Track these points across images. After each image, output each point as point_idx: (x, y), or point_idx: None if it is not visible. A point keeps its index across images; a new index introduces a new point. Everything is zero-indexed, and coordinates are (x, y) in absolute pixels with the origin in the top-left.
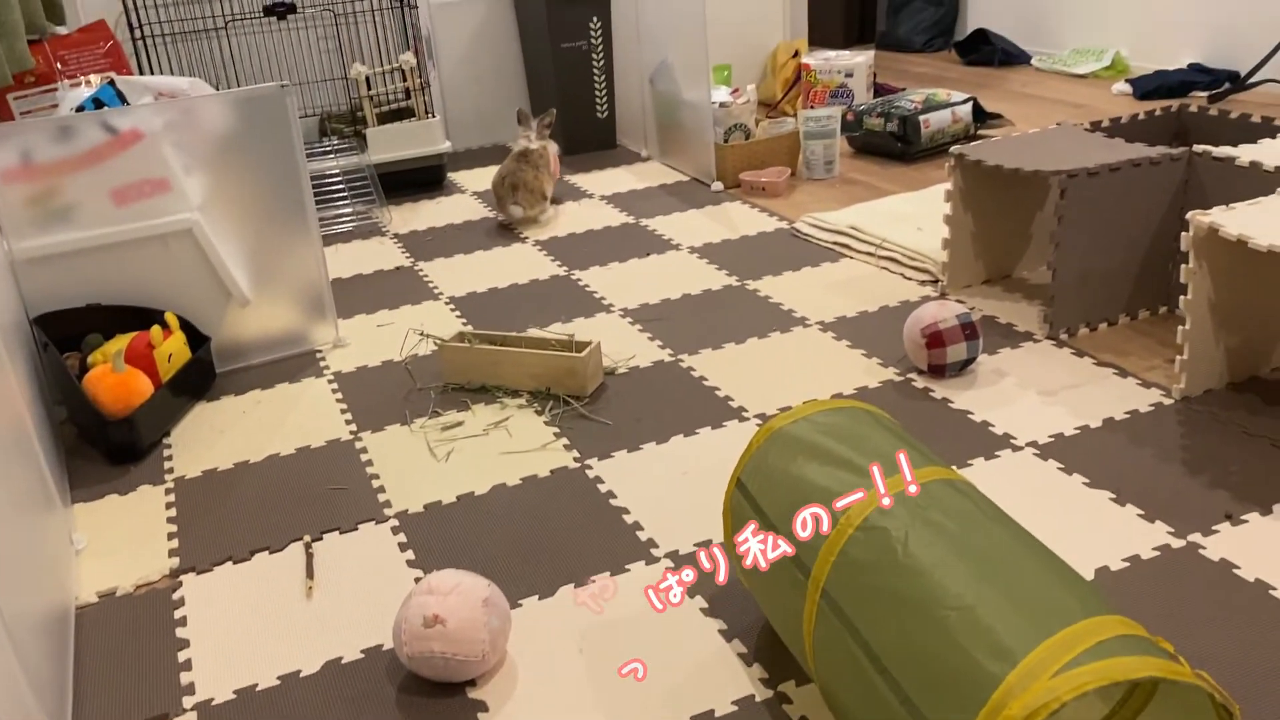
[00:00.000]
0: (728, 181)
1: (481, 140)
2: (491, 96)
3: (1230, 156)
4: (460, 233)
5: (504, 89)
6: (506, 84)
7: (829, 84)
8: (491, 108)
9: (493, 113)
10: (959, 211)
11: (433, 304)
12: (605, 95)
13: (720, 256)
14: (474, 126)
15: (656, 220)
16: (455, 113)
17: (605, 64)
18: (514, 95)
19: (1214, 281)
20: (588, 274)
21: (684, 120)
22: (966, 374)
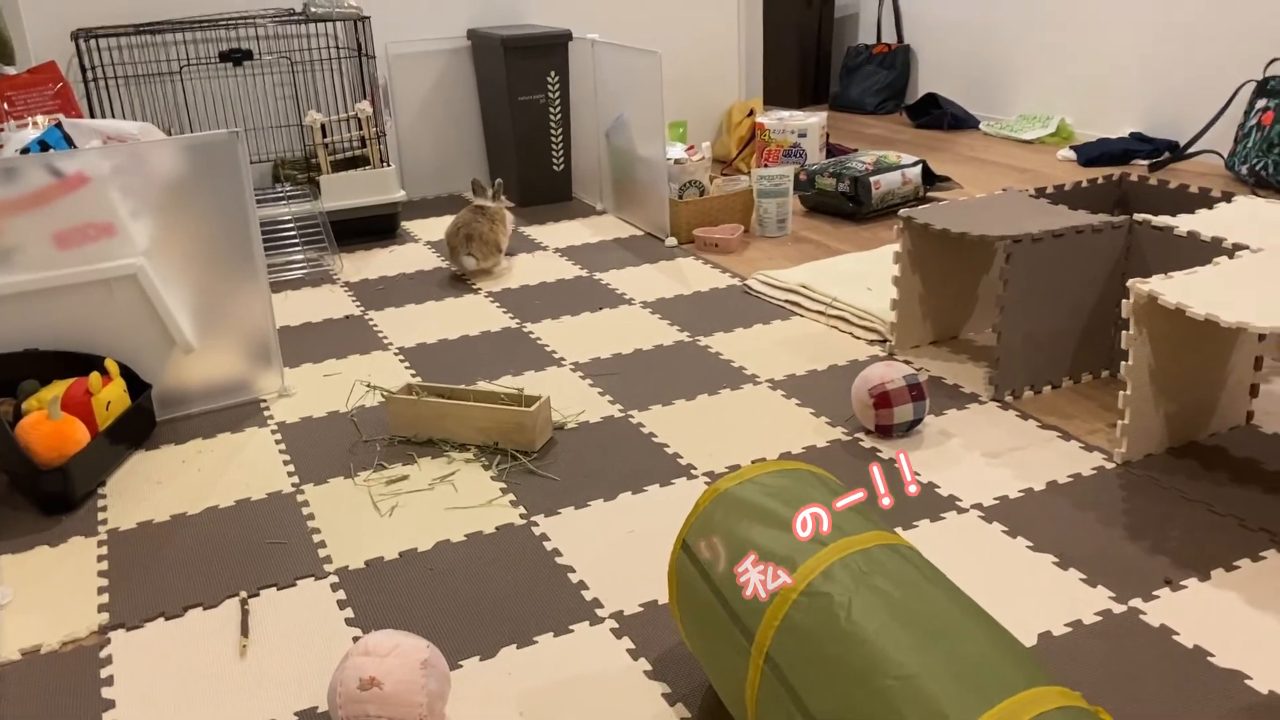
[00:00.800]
0: (681, 237)
1: (437, 190)
2: (448, 147)
3: (1169, 226)
4: (412, 282)
5: (461, 139)
6: (464, 135)
7: (783, 143)
8: (448, 158)
9: (449, 163)
10: (907, 273)
11: (382, 354)
12: (562, 148)
13: (673, 312)
14: (430, 176)
15: (610, 274)
16: (411, 162)
17: (562, 117)
18: (471, 146)
19: (1154, 348)
20: (540, 327)
21: (639, 175)
22: (913, 434)
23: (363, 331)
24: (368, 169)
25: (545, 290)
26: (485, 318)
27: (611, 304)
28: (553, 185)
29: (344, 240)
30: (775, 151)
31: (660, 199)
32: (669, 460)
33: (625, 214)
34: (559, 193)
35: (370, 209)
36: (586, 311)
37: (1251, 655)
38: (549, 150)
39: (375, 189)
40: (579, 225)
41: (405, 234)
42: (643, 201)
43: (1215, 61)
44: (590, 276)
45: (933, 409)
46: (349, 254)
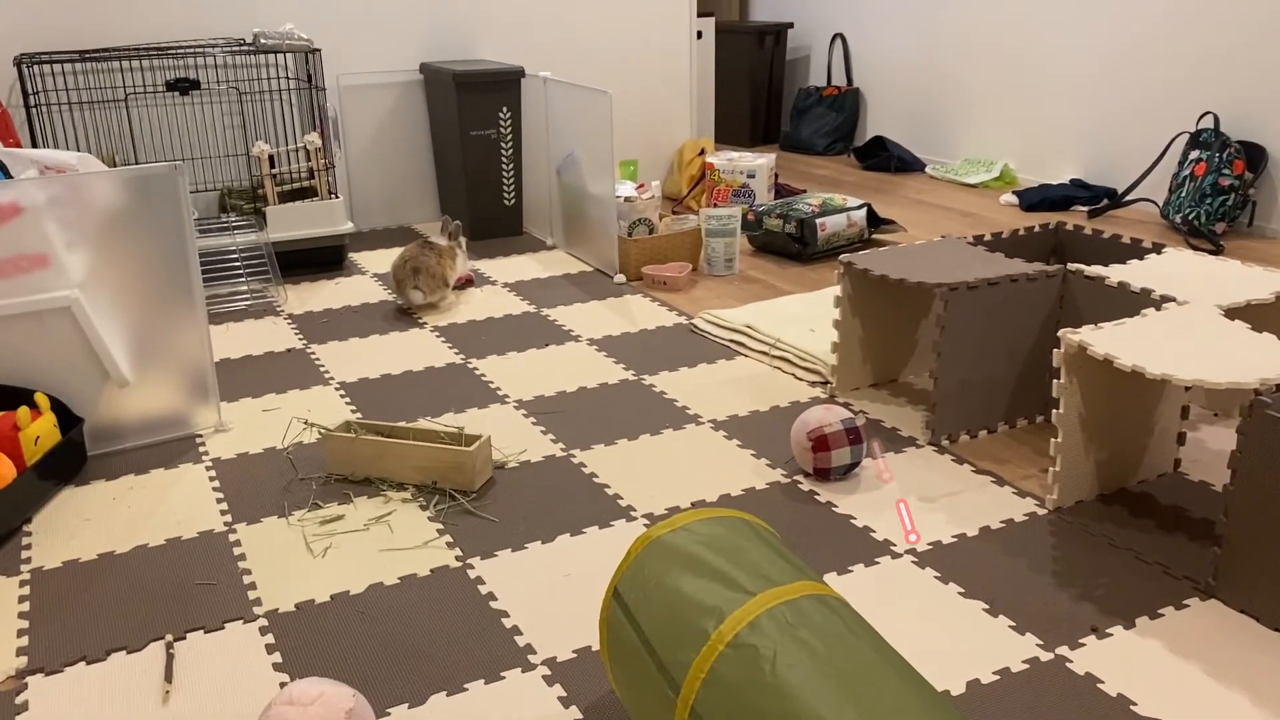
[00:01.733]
0: (630, 274)
1: (386, 222)
2: (398, 180)
3: (1101, 276)
4: (357, 316)
5: (412, 172)
6: (414, 168)
7: (732, 183)
8: (398, 191)
9: (398, 195)
10: (848, 316)
11: (322, 390)
12: (513, 183)
13: (619, 350)
14: (378, 209)
15: (558, 310)
16: (360, 194)
17: (514, 153)
18: (422, 179)
19: (1084, 397)
20: (485, 363)
21: (589, 212)
22: (851, 478)
23: (304, 365)
24: (315, 200)
25: (492, 325)
26: (430, 353)
27: (558, 340)
28: (504, 219)
29: (290, 271)
30: (725, 191)
31: (610, 236)
32: (609, 501)
33: (575, 249)
34: (510, 227)
35: (317, 240)
36: (533, 348)
37: (1173, 703)
38: (500, 185)
39: (322, 220)
40: (529, 260)
41: (352, 266)
42: (592, 238)
43: (1153, 112)
44: (538, 312)
45: (869, 451)
46: (294, 285)
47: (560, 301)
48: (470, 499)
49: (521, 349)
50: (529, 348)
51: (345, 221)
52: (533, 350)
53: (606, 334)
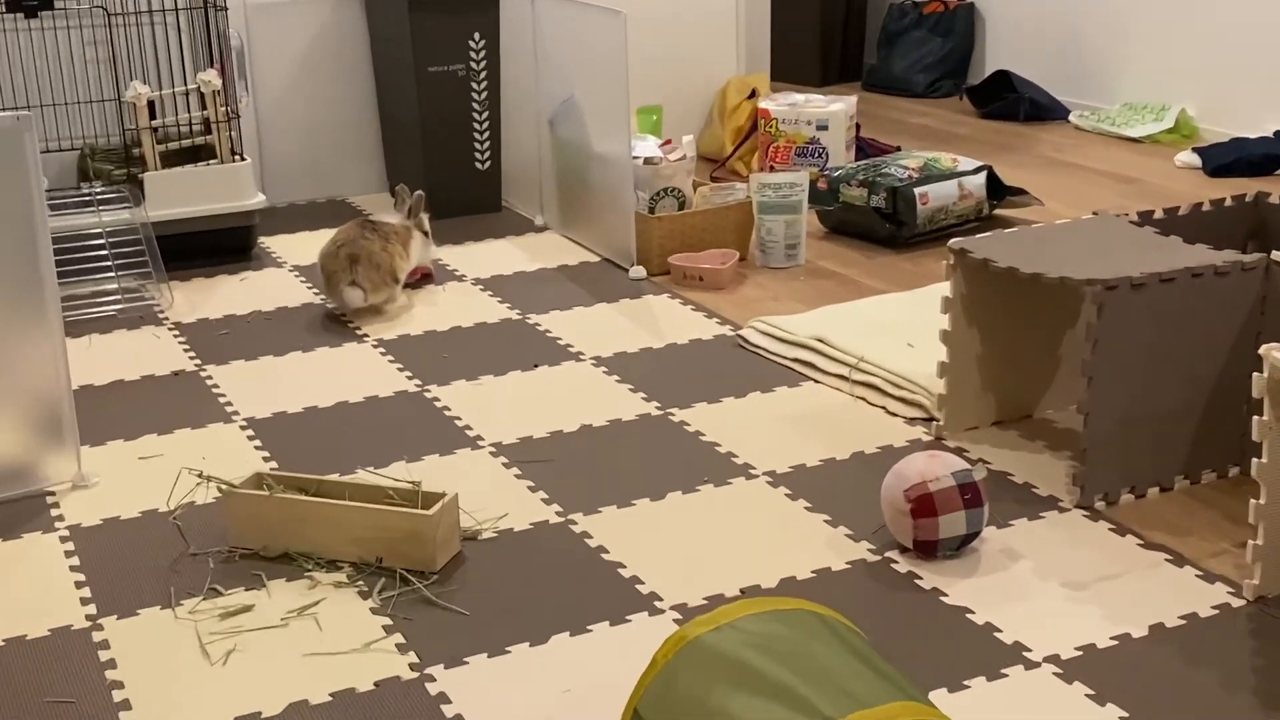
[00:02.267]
0: (652, 266)
1: (311, 193)
2: (328, 135)
3: None
4: (271, 325)
5: (347, 125)
6: (351, 118)
7: (795, 138)
8: (328, 150)
9: (329, 157)
10: (961, 326)
11: (223, 428)
12: (488, 140)
13: (637, 373)
14: (301, 175)
15: (551, 317)
16: (275, 155)
17: (489, 97)
18: (361, 133)
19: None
20: (449, 391)
21: (594, 180)
22: (966, 554)
23: (197, 395)
24: (213, 164)
25: (460, 339)
26: (373, 377)
27: (552, 360)
28: (475, 190)
29: (176, 263)
30: (785, 149)
31: (623, 213)
32: (624, 586)
33: (574, 232)
34: (483, 201)
35: (215, 219)
36: (516, 370)
37: None
38: (470, 142)
39: (222, 192)
40: (510, 247)
41: (264, 255)
42: (599, 216)
43: None
44: (523, 320)
45: (994, 519)
46: (182, 283)
47: (554, 305)
48: (430, 583)
49: (500, 372)
50: (511, 370)
51: (254, 193)
52: (516, 374)
53: (619, 350)
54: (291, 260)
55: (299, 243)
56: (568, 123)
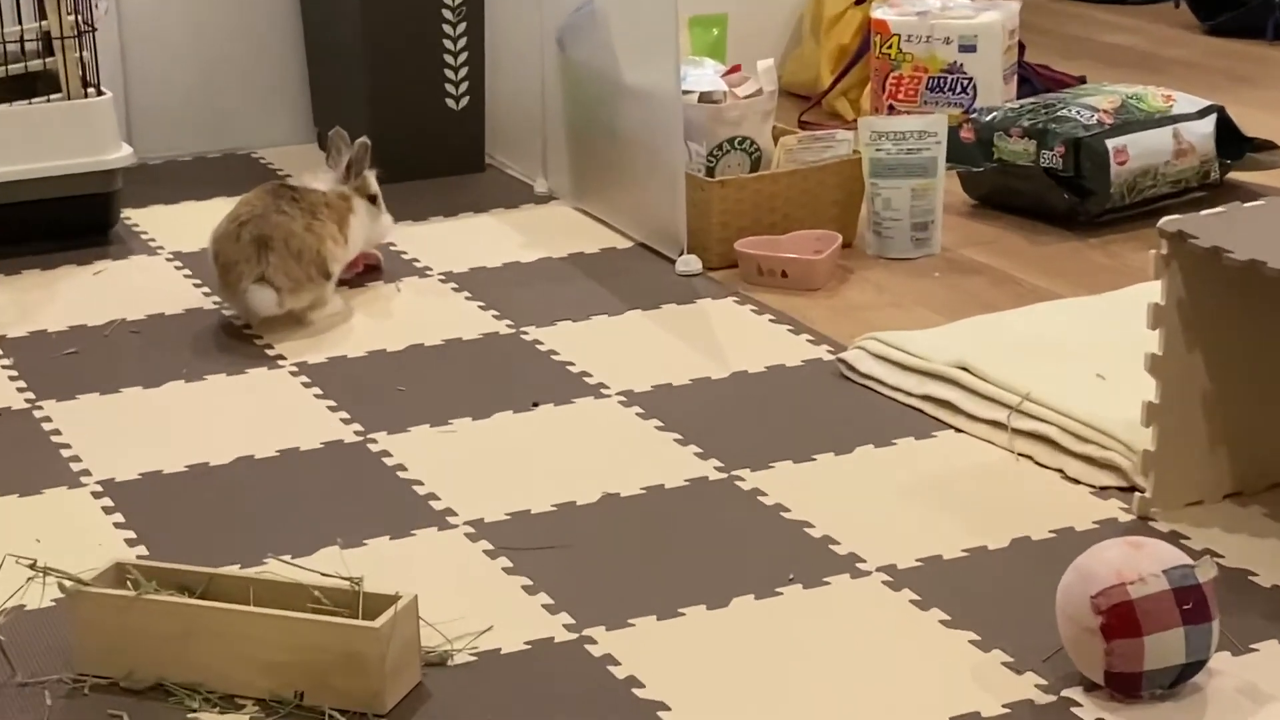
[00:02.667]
0: (711, 256)
1: (201, 144)
2: (228, 60)
3: None
4: (140, 341)
5: (255, 45)
6: (258, 35)
7: (927, 64)
8: (226, 82)
9: (227, 92)
10: (1179, 349)
11: (67, 495)
12: (465, 67)
13: (687, 415)
14: (186, 118)
15: (559, 331)
16: (149, 88)
17: (466, 5)
18: (275, 57)
19: None
20: (406, 443)
21: (625, 126)
22: (1184, 694)
23: (30, 446)
24: (55, 99)
25: (423, 364)
26: (293, 420)
27: (559, 395)
28: (446, 141)
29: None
30: (912, 81)
31: (668, 176)
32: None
33: (593, 204)
34: (458, 157)
35: (57, 183)
36: (506, 411)
37: None
38: (439, 70)
39: (69, 141)
40: (496, 225)
41: (129, 235)
42: (631, 180)
43: None
44: (517, 335)
45: (1227, 641)
46: (7, 277)
47: (563, 313)
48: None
49: (482, 413)
50: (498, 410)
51: (116, 144)
52: (505, 416)
53: (660, 382)
54: (170, 244)
55: (181, 218)
56: (585, 41)
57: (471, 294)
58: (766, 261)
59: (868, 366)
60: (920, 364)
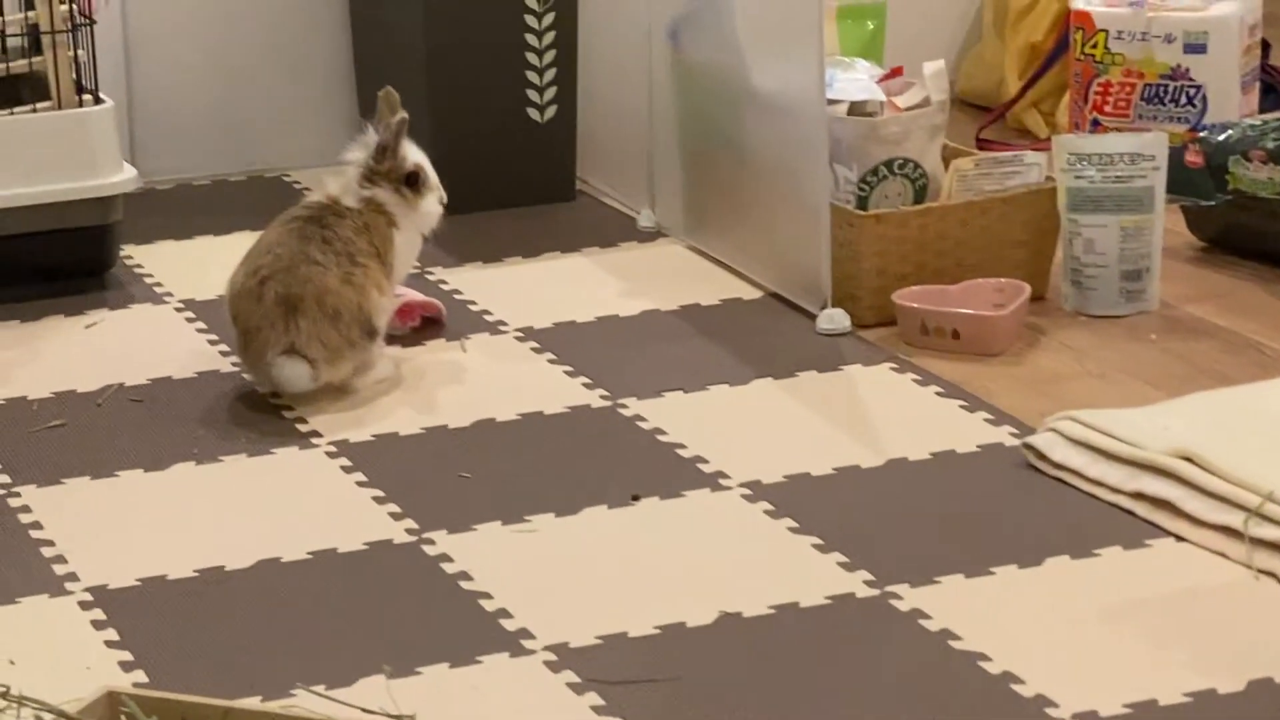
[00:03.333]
0: (862, 310)
1: (219, 164)
2: (253, 62)
3: None
4: (142, 412)
5: (287, 44)
6: (293, 30)
7: (1142, 67)
8: (250, 89)
9: (253, 101)
10: None
11: (49, 605)
12: (553, 71)
13: (825, 513)
14: (200, 132)
15: (664, 404)
16: (154, 96)
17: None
18: (314, 59)
19: None
20: (470, 544)
21: (753, 143)
22: None
23: (3, 540)
24: (43, 109)
25: (490, 443)
26: (328, 514)
27: (666, 486)
28: (527, 162)
29: None
30: (1123, 89)
31: (808, 208)
32: None
33: (712, 242)
34: (542, 182)
35: (44, 213)
36: (595, 506)
37: None
38: (518, 72)
39: (60, 160)
40: (589, 269)
41: (130, 278)
42: (760, 212)
43: None
44: (614, 409)
45: None
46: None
47: (671, 380)
48: None
49: (566, 507)
50: (588, 505)
51: (117, 164)
52: (596, 512)
53: (795, 470)
54: (180, 290)
55: (195, 257)
56: (704, 36)
57: (556, 356)
58: (933, 318)
59: (1062, 454)
60: (1131, 452)
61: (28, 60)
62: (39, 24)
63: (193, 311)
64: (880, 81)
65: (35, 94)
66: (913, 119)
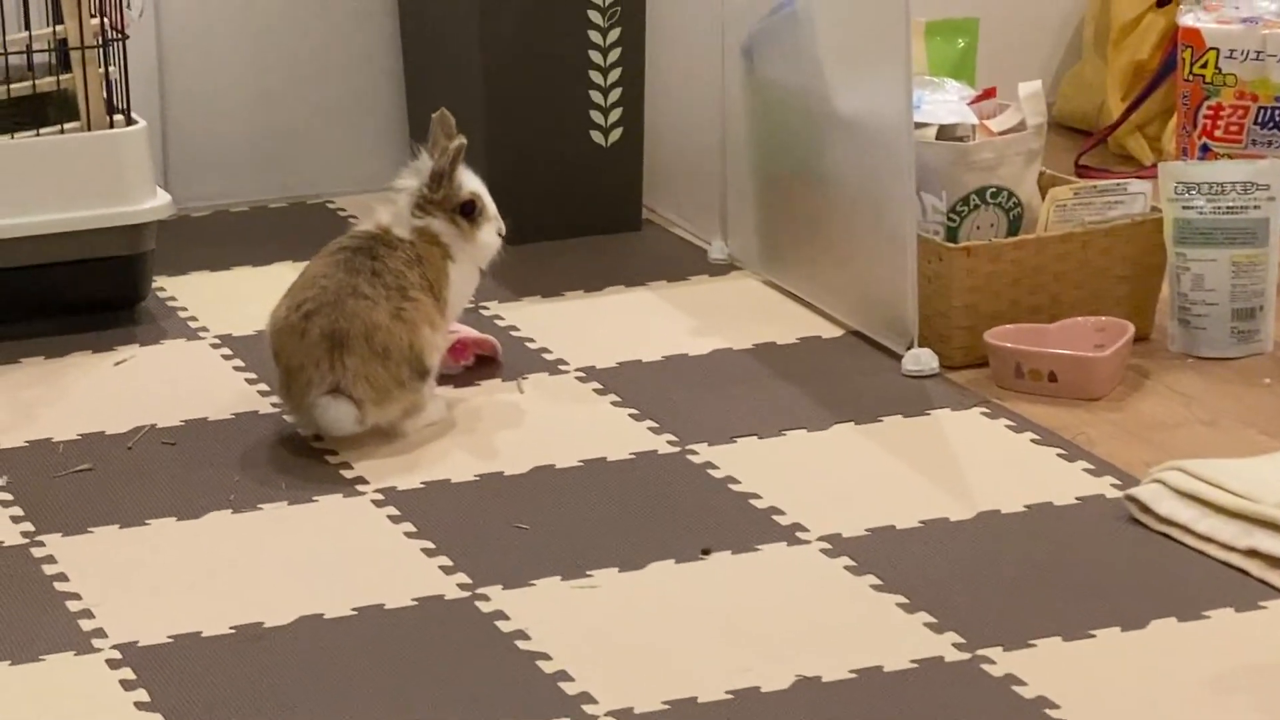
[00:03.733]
0: (951, 350)
1: (258, 191)
2: (294, 79)
3: None
4: (175, 456)
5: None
6: (339, 45)
7: (1256, 89)
8: (292, 107)
9: (295, 122)
10: None
11: (75, 662)
12: (618, 88)
13: (911, 568)
14: (240, 155)
15: (737, 451)
16: (190, 116)
17: (620, 10)
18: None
19: None
20: (527, 599)
21: (833, 170)
22: None
23: (26, 594)
24: (70, 130)
25: (549, 492)
26: (375, 565)
27: (738, 538)
28: (590, 188)
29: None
30: (1235, 112)
31: (894, 239)
32: None
33: (789, 274)
34: (606, 209)
35: (71, 242)
36: (662, 560)
37: None
38: (581, 91)
39: (88, 185)
40: (656, 304)
41: (163, 312)
42: (843, 244)
43: None
44: (680, 454)
45: None
46: (3, 367)
47: (745, 425)
48: None
49: (631, 561)
50: (652, 559)
51: (150, 189)
52: (663, 567)
53: (880, 523)
54: (217, 324)
55: (233, 289)
56: (782, 54)
57: (620, 398)
58: (1029, 359)
59: (1169, 508)
60: (1243, 506)
61: (55, 77)
62: (68, 38)
63: (230, 348)
64: (972, 103)
65: (63, 114)
66: (1007, 144)
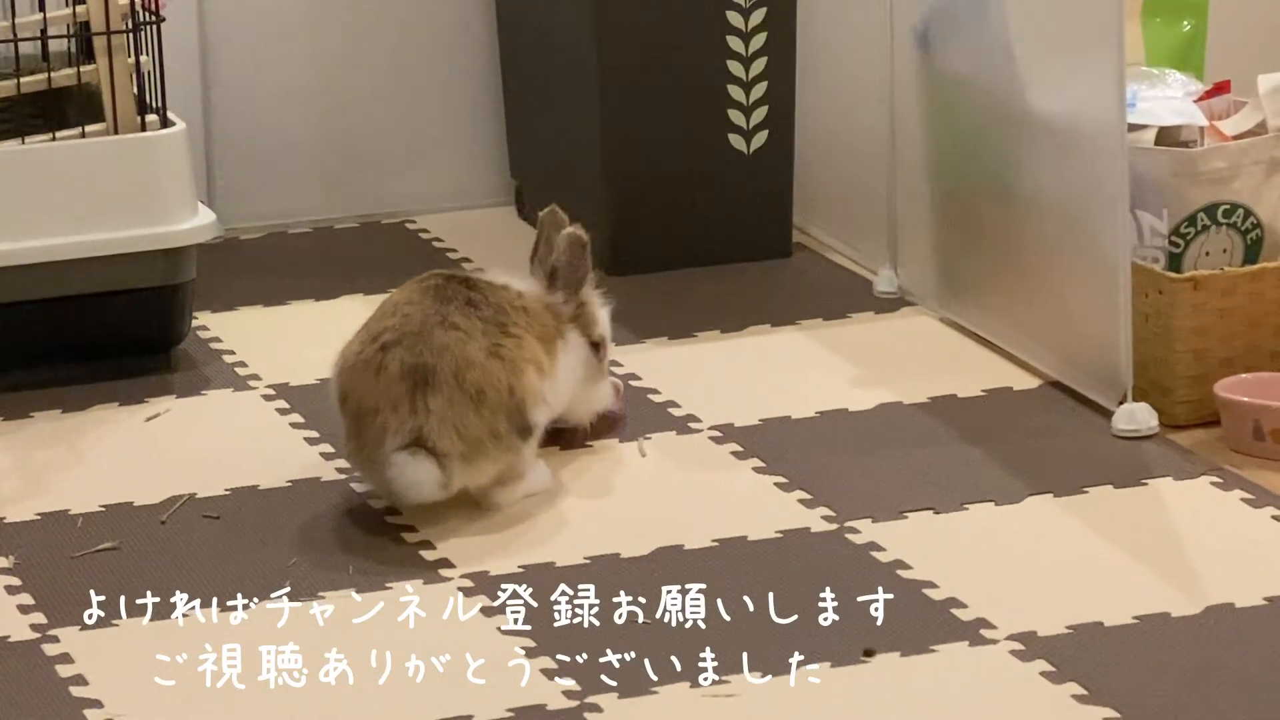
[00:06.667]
0: (1175, 404)
1: (320, 209)
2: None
3: None
4: (218, 532)
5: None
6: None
7: None
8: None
9: (363, 125)
10: None
11: None
12: (762, 82)
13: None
14: (298, 165)
15: (908, 528)
16: (237, 119)
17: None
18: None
19: None
20: (652, 707)
21: (1026, 182)
22: None
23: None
24: (94, 132)
25: (677, 576)
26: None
27: (909, 636)
28: (729, 206)
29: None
30: None
31: (1102, 267)
32: None
33: (972, 312)
34: (749, 231)
35: (96, 270)
36: (818, 662)
37: None
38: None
39: (113, 201)
40: (809, 345)
41: (206, 356)
42: (1039, 274)
43: None
44: (838, 531)
45: None
46: (14, 424)
47: (917, 497)
48: None
49: (778, 664)
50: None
51: (190, 205)
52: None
53: (1080, 619)
54: (270, 371)
55: (288, 328)
56: (962, 42)
57: (764, 463)
58: (1271, 416)
59: None
60: None
61: (75, 69)
62: (91, 22)
63: (286, 400)
64: (1199, 101)
65: (84, 113)
66: (1243, 151)
